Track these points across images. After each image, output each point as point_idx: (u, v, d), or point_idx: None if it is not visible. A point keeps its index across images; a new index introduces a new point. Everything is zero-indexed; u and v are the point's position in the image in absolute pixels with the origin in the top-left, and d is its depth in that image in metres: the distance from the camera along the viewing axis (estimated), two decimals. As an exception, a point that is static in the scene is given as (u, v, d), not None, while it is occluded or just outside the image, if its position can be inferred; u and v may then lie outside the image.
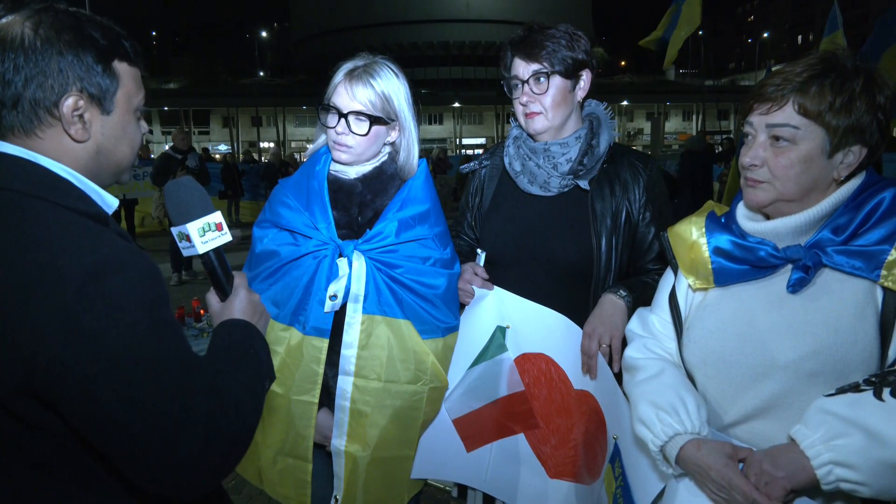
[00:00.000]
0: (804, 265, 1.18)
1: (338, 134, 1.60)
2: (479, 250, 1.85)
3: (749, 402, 1.22)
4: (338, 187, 1.65)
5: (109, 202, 1.04)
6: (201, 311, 4.59)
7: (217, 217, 1.12)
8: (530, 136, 1.79)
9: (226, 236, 1.14)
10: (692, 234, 1.33)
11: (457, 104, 47.90)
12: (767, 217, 1.26)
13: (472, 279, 1.78)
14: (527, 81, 1.71)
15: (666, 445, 1.25)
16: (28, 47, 0.94)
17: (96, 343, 0.85)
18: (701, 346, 1.29)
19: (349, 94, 1.58)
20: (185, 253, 1.14)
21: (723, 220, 1.32)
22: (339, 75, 1.61)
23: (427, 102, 46.94)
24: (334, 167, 1.69)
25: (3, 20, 0.96)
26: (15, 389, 0.87)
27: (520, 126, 1.82)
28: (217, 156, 30.26)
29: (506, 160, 1.86)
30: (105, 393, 0.85)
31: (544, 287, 1.77)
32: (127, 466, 0.91)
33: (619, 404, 1.53)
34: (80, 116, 0.99)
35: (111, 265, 0.88)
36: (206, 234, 1.11)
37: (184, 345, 0.95)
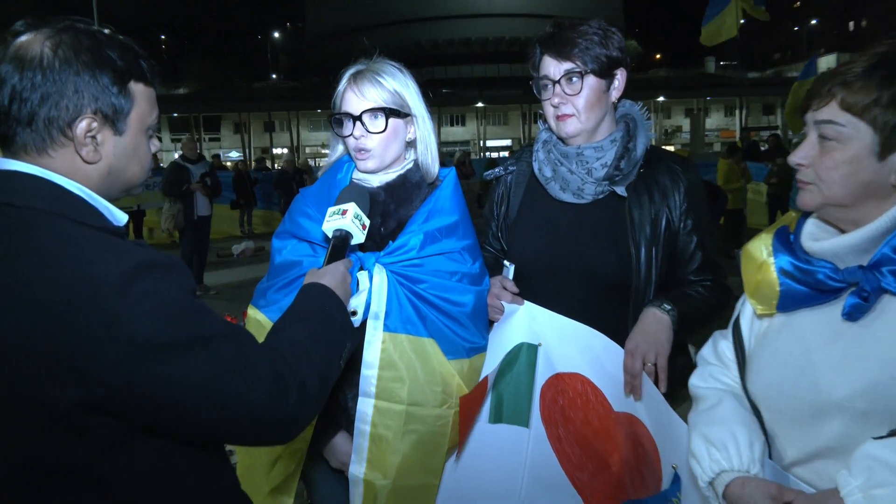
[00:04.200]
0: (861, 289, 1.13)
1: (356, 139, 1.62)
2: (506, 263, 1.84)
3: (810, 441, 1.19)
4: None
5: (119, 217, 1.11)
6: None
7: (367, 221, 1.50)
8: (561, 139, 1.79)
9: (361, 235, 1.48)
10: (762, 254, 1.28)
11: (480, 104, 48.04)
12: (842, 231, 1.21)
13: (501, 294, 1.77)
14: (558, 82, 1.70)
15: (714, 481, 1.25)
16: (46, 67, 1.01)
17: (150, 339, 0.93)
18: (761, 379, 1.28)
19: (358, 96, 1.61)
20: (328, 224, 1.46)
21: (791, 238, 1.28)
22: (343, 82, 1.65)
23: (449, 103, 47.23)
24: (356, 175, 1.71)
25: (24, 38, 1.02)
26: (76, 404, 0.94)
27: (550, 129, 1.82)
28: (228, 163, 30.75)
29: (535, 165, 1.85)
30: (170, 380, 0.95)
31: (579, 301, 1.76)
32: (206, 433, 1.05)
33: (673, 429, 1.50)
34: (93, 138, 1.05)
35: (144, 266, 0.96)
36: (355, 220, 1.46)
37: (225, 321, 1.07)
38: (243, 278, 8.89)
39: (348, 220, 1.44)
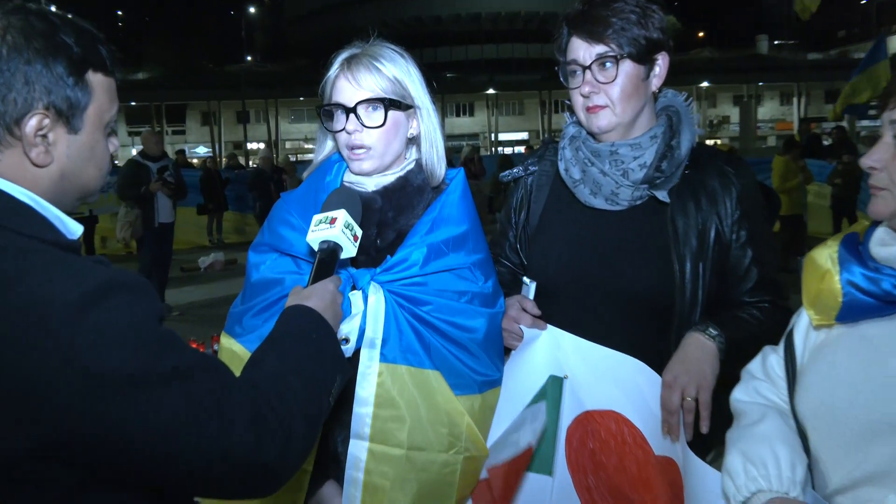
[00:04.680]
0: None
1: (350, 135, 1.63)
2: (526, 280, 1.85)
3: (857, 465, 1.23)
4: None
5: (73, 229, 1.12)
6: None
7: (359, 231, 1.49)
8: (592, 134, 1.80)
9: (353, 248, 1.48)
10: (826, 262, 1.34)
11: (491, 91, 48.24)
12: None
13: (520, 316, 1.78)
14: (589, 67, 1.71)
15: (748, 502, 1.31)
16: None
17: (112, 374, 0.94)
18: (810, 395, 1.33)
19: (353, 84, 1.62)
20: (314, 234, 1.45)
21: (860, 247, 1.33)
22: (335, 68, 1.66)
23: (454, 90, 47.46)
24: (349, 178, 1.72)
25: None
26: (25, 450, 0.93)
27: (578, 123, 1.83)
28: (195, 160, 30.93)
29: (560, 165, 1.86)
30: (135, 420, 0.95)
31: (612, 325, 1.77)
32: (175, 483, 1.05)
33: (697, 477, 1.52)
34: (44, 137, 1.07)
35: (105, 288, 0.97)
36: (345, 230, 1.45)
37: (198, 352, 1.08)
38: (212, 296, 8.93)
39: (337, 230, 1.44)
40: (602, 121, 1.74)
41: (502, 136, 51.80)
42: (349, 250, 1.47)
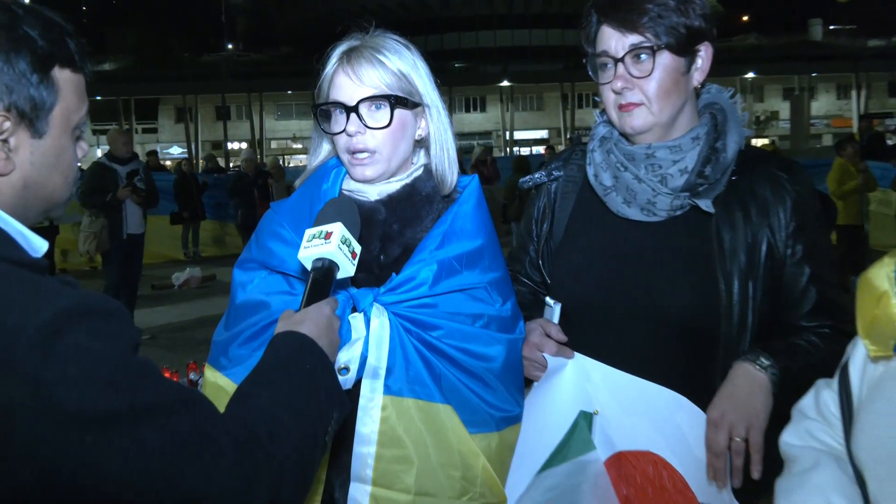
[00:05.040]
0: None
1: (351, 137, 1.64)
2: (549, 301, 1.86)
3: None
4: None
5: (37, 246, 1.13)
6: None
7: (358, 248, 1.49)
8: (625, 136, 1.81)
9: (350, 267, 1.47)
10: (883, 283, 1.33)
11: (506, 83, 48.34)
12: None
13: (543, 343, 1.79)
14: (622, 60, 1.72)
15: None
16: None
17: (82, 411, 0.94)
18: (869, 437, 1.31)
19: (354, 80, 1.64)
20: (306, 251, 1.45)
21: None
22: (332, 62, 1.68)
23: (464, 82, 47.54)
24: (349, 185, 1.74)
25: None
26: None
27: (609, 122, 1.84)
28: (168, 163, 31.08)
29: (589, 170, 1.87)
30: (107, 463, 0.96)
31: (648, 353, 1.77)
32: None
33: None
34: (5, 142, 1.08)
35: (73, 313, 0.97)
36: (342, 246, 1.44)
37: (177, 385, 1.09)
38: (187, 317, 8.91)
39: (333, 246, 1.44)
40: (637, 120, 1.74)
41: (518, 135, 51.89)
42: (347, 269, 1.47)
